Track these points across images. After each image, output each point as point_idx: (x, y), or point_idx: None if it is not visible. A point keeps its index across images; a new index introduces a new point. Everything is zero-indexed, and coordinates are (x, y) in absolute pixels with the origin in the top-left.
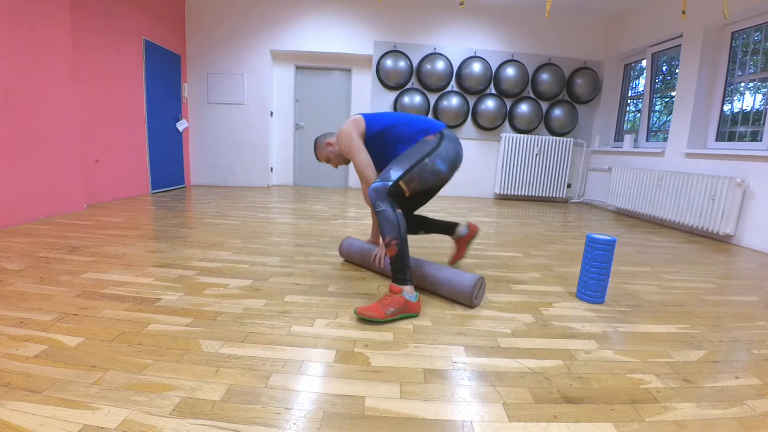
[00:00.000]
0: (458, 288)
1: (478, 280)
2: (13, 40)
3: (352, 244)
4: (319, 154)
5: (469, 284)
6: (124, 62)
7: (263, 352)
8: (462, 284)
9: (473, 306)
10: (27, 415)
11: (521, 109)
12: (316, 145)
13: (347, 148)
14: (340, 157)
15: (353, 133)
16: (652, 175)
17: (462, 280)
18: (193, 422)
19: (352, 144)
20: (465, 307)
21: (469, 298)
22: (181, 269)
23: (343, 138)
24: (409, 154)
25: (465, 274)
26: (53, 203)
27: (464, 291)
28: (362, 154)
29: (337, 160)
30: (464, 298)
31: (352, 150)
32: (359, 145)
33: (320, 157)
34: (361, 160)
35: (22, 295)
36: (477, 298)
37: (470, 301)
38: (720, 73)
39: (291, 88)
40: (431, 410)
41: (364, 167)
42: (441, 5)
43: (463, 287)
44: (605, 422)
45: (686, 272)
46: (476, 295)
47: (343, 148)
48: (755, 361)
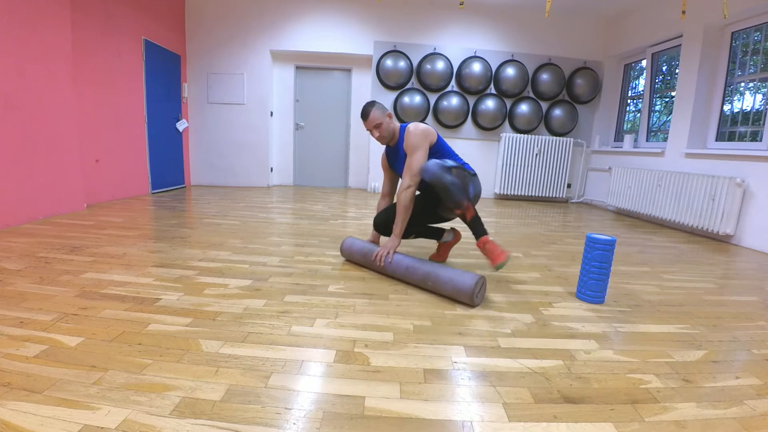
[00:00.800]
0: (459, 286)
1: (480, 279)
2: (13, 40)
3: (353, 243)
4: (374, 116)
5: (471, 283)
6: (124, 62)
7: (263, 352)
8: (463, 283)
9: (474, 305)
10: (27, 415)
11: (521, 109)
12: (374, 106)
13: (417, 143)
14: (389, 135)
15: (427, 138)
16: (652, 175)
17: (463, 279)
18: (193, 422)
19: (422, 145)
20: (465, 307)
21: (470, 296)
22: (181, 269)
23: (419, 134)
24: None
25: (466, 273)
26: (53, 203)
27: (465, 290)
28: (423, 157)
29: (385, 132)
30: (465, 296)
31: (419, 149)
32: (426, 149)
33: (373, 120)
34: (421, 161)
35: (22, 295)
36: (477, 297)
37: (471, 300)
38: (720, 73)
39: (291, 88)
40: (431, 410)
41: (418, 169)
42: (441, 5)
43: (464, 286)
44: (605, 422)
45: (686, 272)
46: (477, 293)
47: (414, 141)
48: (755, 361)
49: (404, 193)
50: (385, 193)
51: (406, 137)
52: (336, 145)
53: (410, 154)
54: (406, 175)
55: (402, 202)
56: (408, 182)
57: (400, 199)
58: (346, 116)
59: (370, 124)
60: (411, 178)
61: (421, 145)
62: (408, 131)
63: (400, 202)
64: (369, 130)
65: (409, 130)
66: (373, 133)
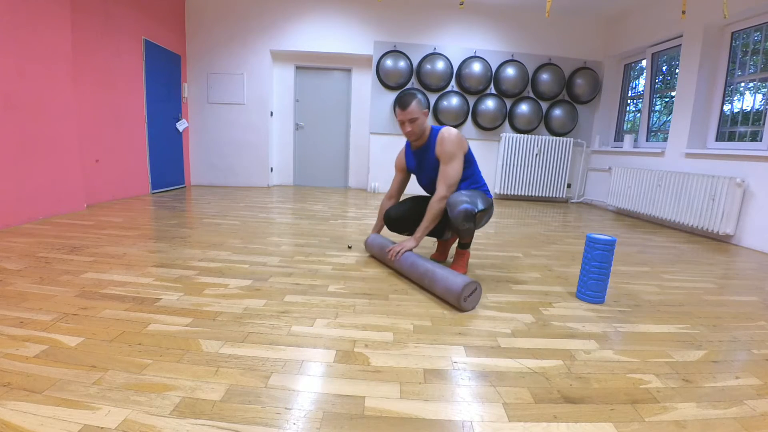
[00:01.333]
0: (449, 287)
1: (470, 283)
2: (13, 40)
3: (375, 239)
4: (413, 109)
5: (460, 285)
6: (124, 62)
7: (263, 352)
8: (453, 284)
9: (462, 309)
10: (27, 415)
11: (521, 109)
12: (415, 98)
13: (454, 152)
14: (420, 133)
15: (462, 147)
16: (652, 175)
17: (454, 281)
18: (193, 422)
19: (459, 155)
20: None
21: (457, 299)
22: (181, 269)
23: (455, 142)
24: (487, 199)
25: (460, 276)
26: (53, 203)
27: (453, 291)
28: (460, 167)
29: (418, 129)
30: (452, 298)
31: (456, 159)
32: (462, 159)
33: (411, 112)
34: (459, 172)
35: (22, 295)
36: (466, 302)
37: (458, 302)
38: (720, 73)
39: (291, 88)
40: (431, 410)
41: (456, 180)
42: (441, 5)
43: (453, 287)
44: (605, 422)
45: (686, 272)
46: (465, 297)
47: (451, 149)
48: (755, 361)
49: (438, 204)
50: (392, 194)
51: (440, 142)
52: (336, 145)
53: (446, 163)
54: (442, 184)
55: (433, 212)
56: (444, 192)
57: (433, 209)
58: (346, 116)
59: (407, 115)
60: (448, 188)
61: (457, 154)
62: (442, 137)
63: (432, 211)
64: (401, 122)
65: (443, 135)
66: (404, 127)
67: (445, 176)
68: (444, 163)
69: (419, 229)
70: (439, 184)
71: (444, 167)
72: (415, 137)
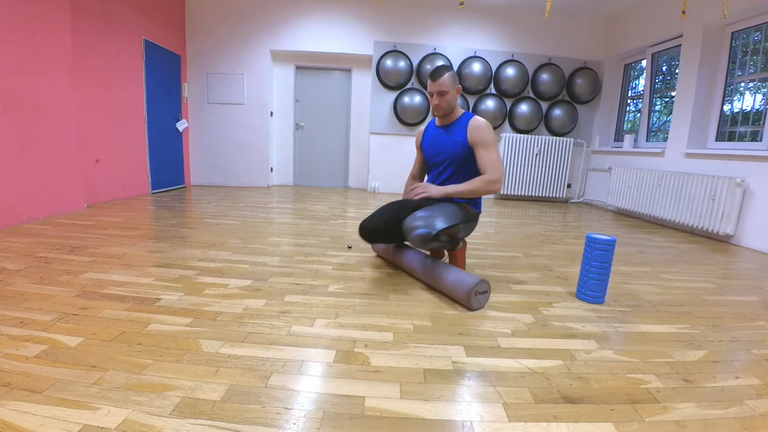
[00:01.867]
0: (460, 284)
1: (484, 283)
2: (13, 41)
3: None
4: (444, 81)
5: (474, 280)
6: (124, 62)
7: (263, 352)
8: (463, 281)
9: (471, 308)
10: (27, 415)
11: (521, 109)
12: (449, 71)
13: (494, 138)
14: (447, 110)
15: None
16: (652, 175)
17: (465, 278)
18: (193, 422)
19: (497, 144)
20: (465, 307)
21: (469, 292)
22: (181, 269)
23: (492, 131)
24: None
25: (470, 275)
26: (53, 203)
27: (464, 288)
28: (500, 156)
29: (445, 105)
30: (463, 293)
31: (496, 146)
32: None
33: (442, 84)
34: (500, 158)
35: (22, 295)
36: (476, 297)
37: (468, 296)
38: (720, 73)
39: (291, 88)
40: (431, 410)
41: (503, 167)
42: (441, 5)
43: (468, 280)
44: (605, 422)
45: (686, 272)
46: (477, 293)
47: (491, 137)
48: (755, 361)
49: (488, 185)
50: (414, 173)
51: (477, 128)
52: (336, 145)
53: (488, 148)
54: (495, 168)
55: (480, 188)
56: (495, 177)
57: (481, 188)
58: (346, 116)
59: (437, 87)
60: (499, 174)
61: (496, 141)
62: (478, 124)
63: (478, 187)
64: (430, 93)
65: (480, 123)
66: (432, 99)
67: (493, 162)
68: (486, 148)
69: (450, 189)
70: (490, 167)
71: (489, 154)
72: (442, 112)
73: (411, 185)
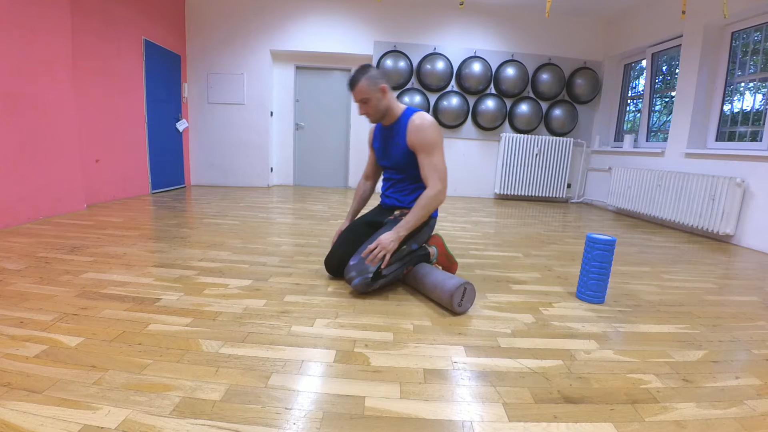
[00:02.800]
0: (441, 298)
1: (459, 288)
2: (13, 41)
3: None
4: (361, 88)
5: (448, 294)
6: (124, 62)
7: (263, 352)
8: (443, 294)
9: (456, 313)
10: (27, 415)
11: (521, 109)
12: (366, 73)
13: (436, 137)
14: (379, 115)
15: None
16: (652, 175)
17: (444, 287)
18: (193, 422)
19: (441, 144)
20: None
21: (451, 306)
22: (181, 269)
23: (435, 130)
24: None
25: (451, 279)
26: (53, 203)
27: (445, 300)
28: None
29: (374, 111)
30: (447, 306)
31: (440, 147)
32: (443, 146)
33: (360, 92)
34: (444, 162)
35: (22, 295)
36: (461, 306)
37: (453, 309)
38: (720, 73)
39: (291, 88)
40: (431, 410)
41: (446, 171)
42: (441, 5)
43: (444, 297)
44: (605, 422)
45: (686, 272)
46: (459, 303)
47: (433, 138)
48: (755, 361)
49: (434, 198)
50: (367, 173)
51: (416, 130)
52: (336, 145)
53: (431, 153)
54: (434, 178)
55: (426, 206)
56: (440, 186)
57: (424, 205)
58: (346, 116)
59: (356, 95)
60: (442, 181)
61: (440, 143)
62: (417, 124)
63: (424, 205)
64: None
65: (417, 123)
66: (359, 108)
67: (435, 169)
68: (428, 154)
69: (402, 225)
70: (431, 177)
71: (430, 159)
72: (375, 119)
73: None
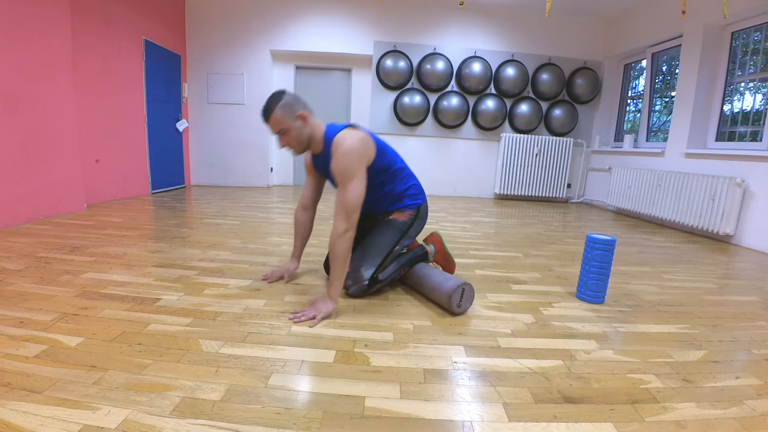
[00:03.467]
0: (440, 300)
1: (456, 290)
2: (13, 41)
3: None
4: (275, 119)
5: (446, 296)
6: (124, 62)
7: (263, 352)
8: (441, 296)
9: (456, 313)
10: (27, 415)
11: (521, 109)
12: (279, 102)
13: (350, 169)
14: (302, 146)
15: (363, 158)
16: (652, 175)
17: (443, 288)
18: (193, 422)
19: (358, 170)
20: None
21: (450, 307)
22: (181, 269)
23: (352, 155)
24: (382, 245)
25: (449, 281)
26: (53, 203)
27: (444, 303)
28: (362, 188)
29: (295, 143)
30: (447, 307)
31: (354, 177)
32: (363, 175)
33: (275, 124)
34: (358, 194)
35: (22, 295)
36: (461, 307)
37: (452, 311)
38: (720, 73)
39: (291, 88)
40: (431, 410)
41: (356, 206)
42: (441, 5)
43: (443, 300)
44: (605, 422)
45: (686, 272)
46: (458, 304)
47: (344, 166)
48: (755, 361)
49: (340, 242)
50: (305, 203)
51: (334, 159)
52: None
53: (343, 184)
54: (339, 216)
55: (338, 254)
56: (344, 226)
57: (336, 250)
58: (346, 116)
59: (272, 128)
60: (347, 220)
61: (355, 170)
62: (336, 153)
63: (336, 254)
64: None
65: (336, 148)
66: (279, 141)
67: (341, 204)
68: (340, 184)
69: (332, 284)
70: (336, 215)
71: (340, 191)
72: (299, 151)
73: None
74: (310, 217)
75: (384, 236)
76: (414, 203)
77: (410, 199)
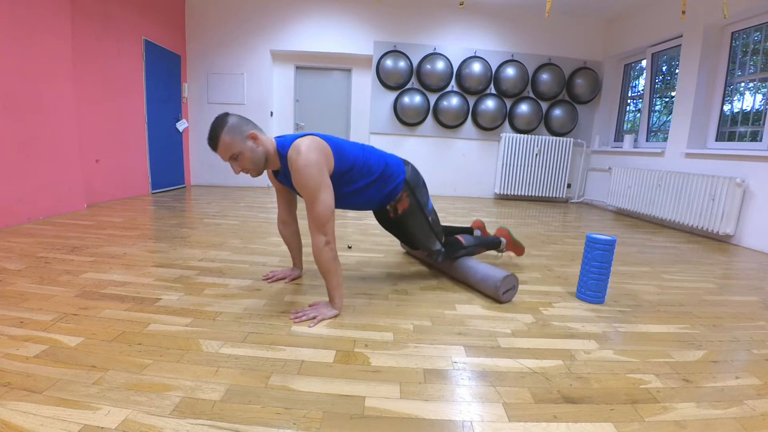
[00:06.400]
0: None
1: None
2: (13, 41)
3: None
4: (224, 144)
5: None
6: (124, 62)
7: (263, 352)
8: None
9: (501, 301)
10: (27, 415)
11: (521, 109)
12: (225, 126)
13: (314, 182)
14: (258, 166)
15: (323, 166)
16: (652, 175)
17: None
18: (193, 422)
19: (322, 180)
20: (465, 306)
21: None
22: (181, 269)
23: (311, 168)
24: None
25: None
26: (53, 203)
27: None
28: (329, 197)
29: (250, 164)
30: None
31: (321, 188)
32: (327, 183)
33: (224, 149)
34: (327, 205)
35: (22, 295)
36: (506, 295)
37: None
38: (720, 73)
39: (291, 88)
40: (431, 410)
41: (329, 216)
42: (441, 5)
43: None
44: (605, 422)
45: (686, 272)
46: (505, 291)
47: (307, 181)
48: (755, 361)
49: (323, 254)
50: (283, 218)
51: (293, 173)
52: None
53: (310, 200)
54: (316, 231)
55: (326, 265)
56: (323, 238)
57: (322, 263)
58: (346, 116)
59: (225, 156)
60: (324, 232)
61: (318, 183)
62: (292, 166)
63: (324, 266)
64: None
65: (292, 163)
66: (233, 167)
67: (314, 220)
68: (307, 200)
69: (334, 294)
70: (312, 231)
71: (309, 206)
72: (258, 172)
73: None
74: (294, 229)
75: (415, 224)
76: (398, 184)
77: (393, 182)
